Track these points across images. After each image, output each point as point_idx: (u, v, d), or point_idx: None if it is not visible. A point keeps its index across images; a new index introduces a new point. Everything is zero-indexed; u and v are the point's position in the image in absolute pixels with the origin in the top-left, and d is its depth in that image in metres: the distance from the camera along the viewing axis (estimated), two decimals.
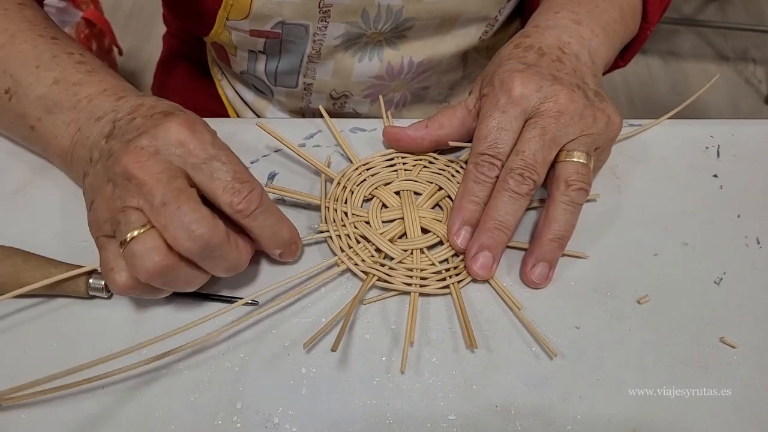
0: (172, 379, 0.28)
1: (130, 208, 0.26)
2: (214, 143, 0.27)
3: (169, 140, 0.26)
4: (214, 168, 0.27)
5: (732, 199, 0.35)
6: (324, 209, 0.32)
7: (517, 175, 0.30)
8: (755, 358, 0.29)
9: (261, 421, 0.27)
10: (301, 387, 0.28)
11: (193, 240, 0.25)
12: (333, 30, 0.40)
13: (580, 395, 0.28)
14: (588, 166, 0.30)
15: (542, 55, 0.32)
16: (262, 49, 0.44)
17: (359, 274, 0.30)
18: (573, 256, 0.32)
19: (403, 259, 0.31)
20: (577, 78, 0.32)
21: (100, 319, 0.29)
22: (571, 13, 0.35)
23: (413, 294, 0.30)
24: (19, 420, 0.27)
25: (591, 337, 0.30)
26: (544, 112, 0.30)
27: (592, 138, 0.31)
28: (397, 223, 0.32)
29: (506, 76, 0.31)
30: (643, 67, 1.49)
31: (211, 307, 0.30)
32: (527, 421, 0.27)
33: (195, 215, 0.25)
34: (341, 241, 0.31)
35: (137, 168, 0.26)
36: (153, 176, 0.25)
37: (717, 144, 0.37)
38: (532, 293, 0.31)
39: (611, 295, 0.31)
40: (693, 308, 0.31)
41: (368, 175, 0.34)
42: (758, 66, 1.47)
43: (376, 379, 0.28)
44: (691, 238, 0.33)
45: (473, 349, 0.29)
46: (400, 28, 0.42)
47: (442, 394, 0.28)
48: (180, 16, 0.47)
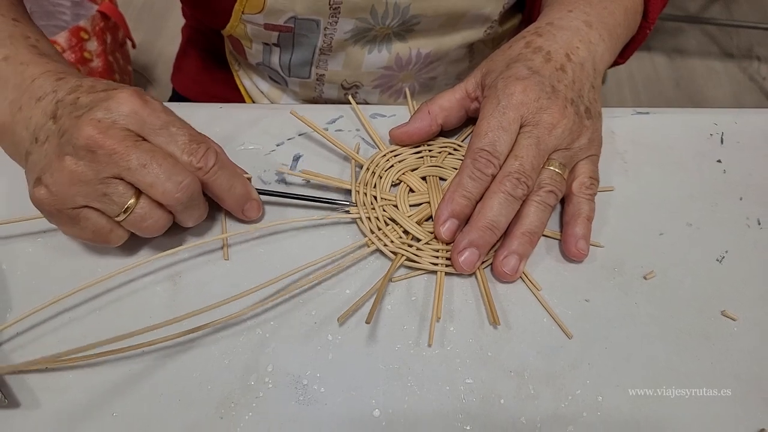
0: (208, 345, 0.30)
1: (111, 179, 0.27)
2: (165, 110, 0.29)
3: (123, 111, 0.28)
4: (171, 132, 0.29)
5: (735, 182, 0.37)
6: (354, 193, 0.34)
7: (514, 179, 0.31)
8: (755, 330, 0.31)
9: (291, 382, 0.29)
10: (328, 352, 0.30)
11: (182, 191, 0.28)
12: (343, 25, 0.42)
13: (589, 363, 0.30)
14: (561, 175, 0.33)
15: (548, 60, 0.34)
16: (276, 42, 0.46)
17: (388, 254, 0.32)
18: (592, 245, 0.34)
19: (430, 240, 0.33)
20: (574, 91, 0.33)
21: (142, 287, 0.31)
22: (583, 14, 0.36)
23: (439, 273, 0.32)
24: (68, 379, 0.29)
25: (600, 309, 0.32)
26: (540, 123, 0.32)
27: (572, 153, 0.33)
28: (423, 207, 0.34)
29: (510, 82, 0.33)
30: (649, 64, 1.50)
31: (246, 283, 0.32)
32: (539, 386, 0.29)
33: (177, 168, 0.28)
34: (371, 223, 0.33)
35: (101, 138, 0.27)
36: (120, 143, 0.27)
37: (721, 131, 0.39)
38: (546, 270, 0.33)
39: (619, 271, 0.33)
40: (696, 284, 0.33)
41: (396, 161, 0.36)
42: (762, 63, 1.48)
43: (398, 345, 0.30)
44: (695, 219, 0.35)
45: (496, 325, 0.31)
46: (407, 24, 0.43)
47: (460, 360, 0.30)
48: (198, 11, 0.49)
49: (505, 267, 0.31)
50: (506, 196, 0.31)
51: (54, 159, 0.28)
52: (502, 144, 0.32)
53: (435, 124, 0.36)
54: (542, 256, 0.33)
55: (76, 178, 0.27)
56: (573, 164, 0.34)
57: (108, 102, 0.28)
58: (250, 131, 0.37)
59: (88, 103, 0.28)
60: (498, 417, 0.28)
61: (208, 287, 0.32)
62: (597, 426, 0.28)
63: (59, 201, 0.28)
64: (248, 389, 0.29)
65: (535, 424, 0.28)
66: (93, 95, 0.29)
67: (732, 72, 1.47)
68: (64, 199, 0.28)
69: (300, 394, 0.29)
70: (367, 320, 0.29)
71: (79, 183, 0.27)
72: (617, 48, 0.38)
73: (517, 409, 0.29)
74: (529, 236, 0.32)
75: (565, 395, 0.29)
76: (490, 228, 0.31)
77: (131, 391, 0.29)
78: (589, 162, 0.34)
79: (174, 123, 0.29)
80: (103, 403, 0.28)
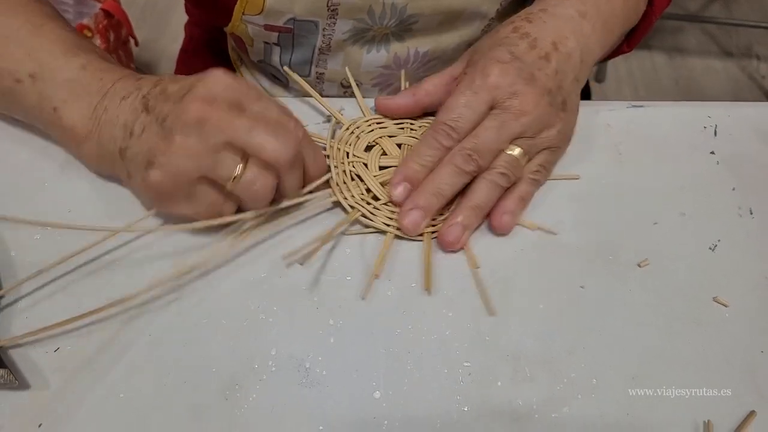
0: (213, 329, 0.31)
1: (221, 147, 0.29)
2: (254, 85, 0.31)
3: (220, 86, 0.29)
4: (264, 104, 0.30)
5: (727, 173, 0.37)
6: (329, 147, 0.36)
7: (466, 155, 0.32)
8: (745, 316, 0.32)
9: (294, 366, 0.30)
10: (330, 336, 0.31)
11: (290, 148, 0.29)
12: (341, 26, 0.43)
13: (584, 347, 0.31)
14: (519, 161, 0.34)
15: (533, 47, 0.34)
16: (276, 42, 0.46)
17: (346, 206, 0.34)
18: (566, 178, 0.36)
19: (388, 202, 0.34)
20: (554, 82, 0.34)
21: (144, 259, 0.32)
22: (579, 3, 0.36)
23: (389, 234, 0.33)
24: (76, 362, 0.30)
25: (594, 296, 0.32)
26: (509, 108, 0.33)
27: (537, 142, 0.34)
28: (391, 170, 0.35)
29: (489, 63, 0.34)
30: (648, 63, 1.51)
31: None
32: (535, 369, 0.30)
33: (281, 130, 0.29)
34: (338, 177, 0.35)
35: (209, 110, 0.28)
36: (226, 113, 0.29)
37: (714, 124, 0.40)
38: (541, 256, 0.34)
39: (614, 259, 0.34)
40: (689, 272, 0.33)
41: (377, 127, 0.37)
42: (762, 62, 1.49)
43: (397, 330, 0.31)
44: (689, 209, 0.36)
45: (429, 292, 0.32)
46: (405, 24, 0.44)
47: (458, 344, 0.31)
48: (201, 9, 0.50)
49: (448, 236, 0.33)
50: (455, 169, 0.33)
51: (161, 142, 0.29)
52: (465, 121, 0.33)
53: (417, 107, 0.38)
54: (535, 245, 0.34)
55: (189, 152, 0.29)
56: (535, 152, 0.35)
57: (204, 81, 0.29)
58: None
59: (179, 88, 0.30)
60: (495, 399, 0.29)
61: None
62: (591, 407, 0.29)
63: (175, 178, 0.29)
64: (252, 372, 0.30)
65: (531, 405, 0.29)
66: (179, 83, 0.30)
67: (731, 70, 1.48)
68: (178, 175, 0.29)
69: (303, 377, 0.30)
70: (304, 254, 0.31)
71: (192, 156, 0.29)
72: (610, 41, 0.38)
73: (514, 391, 0.29)
74: (476, 210, 0.33)
75: (560, 378, 0.30)
76: (434, 194, 0.33)
77: (138, 373, 0.29)
78: (549, 153, 0.35)
79: (264, 96, 0.31)
80: (110, 384, 0.29)
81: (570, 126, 0.35)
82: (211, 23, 0.55)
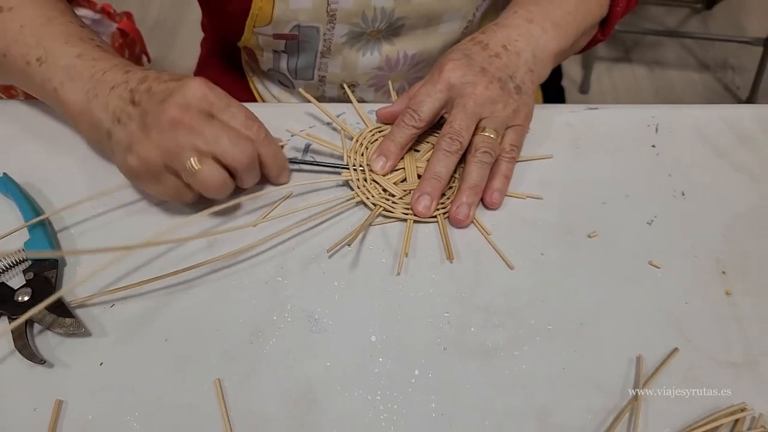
0: (240, 289, 0.38)
1: (187, 148, 0.35)
2: (225, 94, 0.38)
3: (196, 95, 0.36)
4: (232, 112, 0.37)
5: (665, 163, 0.45)
6: (346, 158, 0.43)
7: (448, 139, 0.40)
8: (674, 275, 0.39)
9: (305, 317, 0.37)
10: (335, 294, 0.38)
11: (246, 155, 0.36)
12: (339, 30, 0.50)
13: (542, 300, 0.38)
14: (495, 139, 0.41)
15: (485, 49, 0.43)
16: (284, 49, 0.54)
17: (370, 205, 0.41)
18: (531, 197, 0.43)
19: (403, 196, 0.41)
20: (505, 72, 0.42)
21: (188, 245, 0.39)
22: (526, 12, 0.45)
23: (409, 221, 0.41)
24: (130, 313, 0.36)
25: (552, 260, 0.39)
26: (466, 94, 0.41)
27: (500, 119, 0.41)
28: (400, 171, 0.43)
29: (445, 62, 0.42)
30: (630, 75, 1.60)
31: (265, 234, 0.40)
32: (503, 318, 0.37)
33: (241, 139, 0.36)
34: (358, 182, 0.42)
35: (183, 117, 0.35)
36: (197, 121, 0.35)
37: (657, 123, 0.47)
38: (509, 228, 0.41)
39: (569, 231, 0.41)
40: (630, 241, 0.40)
41: (380, 136, 0.44)
42: (736, 74, 1.57)
43: (390, 288, 0.38)
44: (632, 191, 0.43)
45: (451, 261, 0.39)
46: (393, 26, 0.52)
47: (440, 299, 0.38)
48: (217, 24, 0.57)
49: (458, 215, 0.40)
50: (444, 153, 0.40)
51: (141, 134, 0.36)
52: (426, 106, 0.41)
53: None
54: (506, 220, 0.41)
55: (160, 147, 0.35)
56: (503, 129, 0.42)
57: (183, 89, 0.36)
58: (268, 126, 0.46)
59: (163, 90, 0.36)
60: (469, 341, 0.36)
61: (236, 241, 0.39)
62: (546, 346, 0.36)
63: (147, 165, 0.36)
64: (272, 322, 0.36)
65: (497, 345, 0.36)
66: (164, 84, 0.37)
67: (708, 82, 1.56)
68: (150, 163, 0.36)
69: (312, 326, 0.36)
70: (349, 243, 0.38)
71: (163, 150, 0.35)
72: (568, 35, 0.45)
73: (484, 335, 0.36)
74: (474, 189, 0.40)
75: (522, 325, 0.37)
76: (435, 178, 0.40)
77: (179, 322, 0.36)
78: (513, 132, 0.43)
79: (233, 104, 0.38)
80: (157, 331, 0.36)
81: (527, 107, 0.43)
82: (225, 39, 0.63)
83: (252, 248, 0.39)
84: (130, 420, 0.33)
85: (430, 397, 0.34)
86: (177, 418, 0.33)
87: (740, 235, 0.41)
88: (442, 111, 0.43)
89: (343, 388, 0.34)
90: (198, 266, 0.38)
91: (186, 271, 0.38)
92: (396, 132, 0.42)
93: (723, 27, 1.71)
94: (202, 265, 0.38)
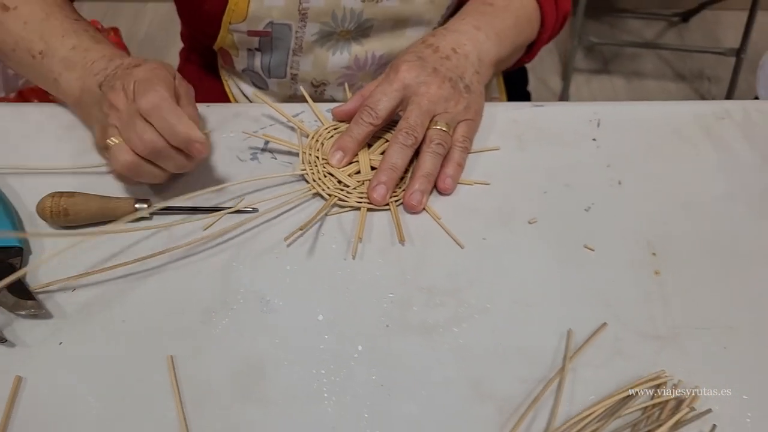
0: (195, 274, 0.40)
1: (111, 126, 0.39)
2: (158, 81, 0.39)
3: (133, 80, 0.39)
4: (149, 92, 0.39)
5: (605, 154, 0.47)
6: (302, 154, 0.45)
7: (404, 133, 0.43)
8: (606, 257, 0.41)
9: (256, 298, 0.39)
10: (286, 277, 0.40)
11: (144, 144, 0.38)
12: (310, 28, 0.53)
13: (482, 281, 0.40)
14: (447, 132, 0.44)
15: (436, 51, 0.46)
16: (258, 47, 0.57)
17: (325, 196, 0.43)
18: (479, 183, 0.45)
19: (357, 187, 0.44)
20: (455, 72, 0.45)
21: (142, 233, 0.42)
22: (474, 20, 0.48)
23: (363, 208, 0.43)
24: (88, 296, 0.38)
25: (494, 244, 0.42)
26: (421, 93, 0.44)
27: (452, 115, 0.45)
28: (354, 164, 0.45)
29: (399, 63, 0.45)
30: (609, 86, 1.64)
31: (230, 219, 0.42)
32: (444, 298, 0.39)
33: (143, 128, 0.38)
34: (314, 175, 0.44)
35: (114, 100, 0.39)
36: (122, 104, 0.39)
37: (598, 118, 0.50)
38: (455, 215, 0.43)
39: (510, 218, 0.43)
40: (567, 226, 0.43)
41: (335, 133, 0.47)
42: (712, 84, 1.62)
43: (339, 272, 0.40)
44: (572, 181, 0.45)
45: (403, 243, 0.41)
46: (362, 27, 0.54)
47: (385, 281, 0.40)
48: (194, 27, 0.60)
49: (412, 200, 0.43)
50: (401, 146, 0.43)
51: (101, 116, 0.40)
52: (382, 104, 0.44)
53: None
54: (454, 207, 0.44)
55: (103, 125, 0.40)
56: (455, 124, 0.45)
57: (126, 76, 0.40)
58: (232, 124, 0.48)
59: (117, 76, 0.40)
60: (411, 319, 0.38)
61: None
62: (484, 323, 0.38)
63: (100, 140, 0.42)
64: (224, 304, 0.39)
65: (438, 322, 0.38)
66: (122, 70, 0.41)
67: (684, 91, 1.60)
68: (100, 140, 0.41)
69: (263, 306, 0.38)
70: (301, 228, 0.41)
71: (104, 127, 0.40)
72: (507, 45, 0.50)
73: (426, 313, 0.38)
74: (427, 177, 0.43)
75: (462, 303, 0.39)
76: (391, 169, 0.43)
77: (137, 306, 0.38)
78: (465, 125, 0.46)
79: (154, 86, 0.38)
80: (115, 313, 0.38)
81: (476, 104, 0.46)
82: (202, 43, 0.66)
83: (211, 239, 0.41)
84: (86, 394, 0.35)
85: (371, 370, 0.36)
86: (131, 392, 0.35)
87: (671, 220, 0.43)
88: (398, 109, 0.45)
89: (290, 362, 0.36)
90: (157, 255, 0.40)
91: (146, 260, 0.40)
92: (354, 128, 0.45)
93: (699, 39, 1.75)
94: (161, 254, 0.40)
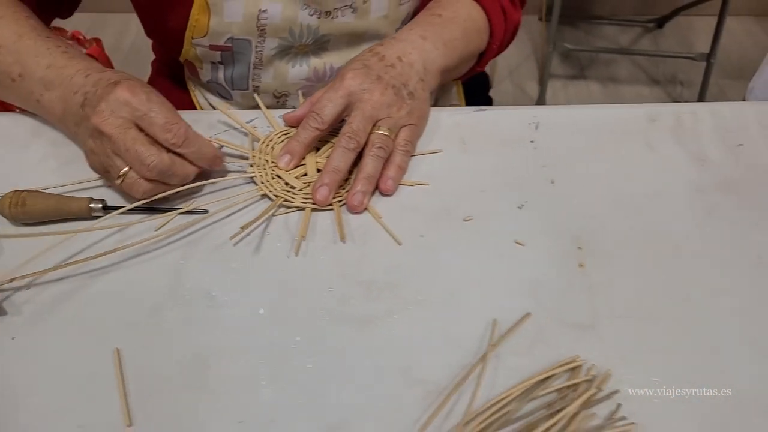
0: (144, 272, 0.42)
1: (113, 155, 0.41)
2: (149, 99, 0.42)
3: (118, 103, 0.41)
4: (151, 117, 0.41)
5: (541, 155, 0.50)
6: (251, 157, 0.48)
7: (347, 137, 0.45)
8: (535, 251, 0.44)
9: (203, 294, 0.41)
10: (231, 274, 0.42)
11: (150, 170, 0.40)
12: (269, 43, 0.56)
13: (418, 275, 0.42)
14: (389, 137, 0.46)
15: (381, 60, 0.48)
16: (220, 60, 0.59)
17: (272, 197, 0.46)
18: (419, 184, 0.48)
19: (303, 188, 0.46)
20: (399, 80, 0.48)
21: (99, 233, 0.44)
22: (421, 30, 0.51)
23: (307, 209, 0.45)
24: (41, 295, 0.41)
25: (430, 241, 0.44)
26: (364, 99, 0.46)
27: (394, 120, 0.47)
28: (302, 167, 0.48)
29: (345, 71, 0.47)
30: (585, 91, 1.67)
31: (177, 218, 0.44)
32: (383, 293, 0.41)
33: (149, 152, 0.40)
34: (263, 178, 0.47)
35: (103, 126, 0.40)
36: (114, 131, 0.40)
37: (537, 121, 0.53)
38: (395, 214, 0.45)
39: (447, 216, 0.46)
40: (500, 223, 0.45)
41: (286, 137, 0.50)
42: (685, 88, 1.66)
43: (283, 268, 0.42)
44: (509, 180, 0.48)
45: (344, 241, 0.43)
46: (319, 42, 0.57)
47: (327, 276, 0.42)
48: (159, 41, 0.63)
49: (354, 201, 0.45)
50: (343, 149, 0.45)
51: (86, 137, 0.42)
52: (327, 110, 0.46)
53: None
54: (393, 207, 0.46)
55: (94, 152, 0.42)
56: (398, 129, 0.47)
57: (108, 96, 0.41)
58: None
59: (98, 96, 0.42)
60: (348, 311, 0.40)
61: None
62: (417, 314, 0.40)
63: (96, 163, 0.43)
64: (172, 298, 0.41)
65: (373, 314, 0.40)
66: (102, 89, 0.42)
67: (658, 96, 1.64)
68: (95, 163, 0.43)
69: (209, 301, 0.41)
70: (243, 227, 0.43)
71: (97, 155, 0.42)
72: (454, 55, 0.52)
73: (363, 306, 0.41)
74: (369, 179, 0.46)
75: (397, 296, 0.41)
76: (334, 171, 0.45)
77: (88, 300, 0.40)
78: (408, 129, 0.48)
79: (153, 108, 0.42)
80: (67, 310, 0.40)
81: (419, 110, 0.48)
82: (169, 55, 0.68)
83: (162, 238, 0.44)
84: (36, 387, 0.37)
85: (308, 359, 0.38)
86: (79, 384, 0.37)
87: (599, 216, 0.46)
88: (343, 114, 0.48)
89: (232, 353, 0.38)
90: (110, 252, 0.42)
91: (99, 258, 0.42)
92: (301, 133, 0.47)
93: (673, 44, 1.80)
94: (114, 252, 0.42)
